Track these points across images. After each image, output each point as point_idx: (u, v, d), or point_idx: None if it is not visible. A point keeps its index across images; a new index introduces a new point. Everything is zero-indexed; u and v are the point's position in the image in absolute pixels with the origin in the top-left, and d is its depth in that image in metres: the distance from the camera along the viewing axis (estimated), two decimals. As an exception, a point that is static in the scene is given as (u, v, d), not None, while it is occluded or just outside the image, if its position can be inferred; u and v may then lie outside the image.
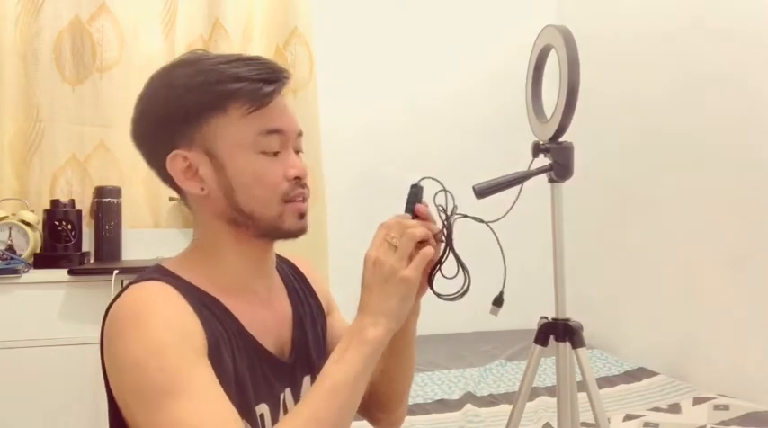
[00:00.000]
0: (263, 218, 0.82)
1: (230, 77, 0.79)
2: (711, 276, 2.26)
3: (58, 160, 2.18)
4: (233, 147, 0.81)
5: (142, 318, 0.72)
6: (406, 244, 0.77)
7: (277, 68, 0.82)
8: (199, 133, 0.81)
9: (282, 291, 0.93)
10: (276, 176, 0.82)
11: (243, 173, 0.81)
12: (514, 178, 1.16)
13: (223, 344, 0.77)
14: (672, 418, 1.95)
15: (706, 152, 2.26)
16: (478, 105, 2.99)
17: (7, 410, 1.72)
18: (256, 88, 0.79)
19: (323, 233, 2.47)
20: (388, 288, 0.76)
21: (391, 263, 0.76)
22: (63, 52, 2.18)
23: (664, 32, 2.46)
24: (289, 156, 0.84)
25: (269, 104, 0.81)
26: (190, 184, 0.82)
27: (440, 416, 2.00)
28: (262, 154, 0.81)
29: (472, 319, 2.83)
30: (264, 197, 0.82)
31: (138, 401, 0.70)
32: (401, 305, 0.77)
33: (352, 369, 0.73)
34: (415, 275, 0.77)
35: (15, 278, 1.79)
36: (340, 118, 2.69)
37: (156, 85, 0.83)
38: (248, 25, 2.43)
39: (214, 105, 0.80)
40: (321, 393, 0.72)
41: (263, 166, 0.81)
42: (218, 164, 0.81)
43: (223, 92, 0.79)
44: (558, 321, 1.26)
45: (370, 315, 0.76)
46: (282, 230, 0.84)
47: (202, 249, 0.85)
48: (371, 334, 0.75)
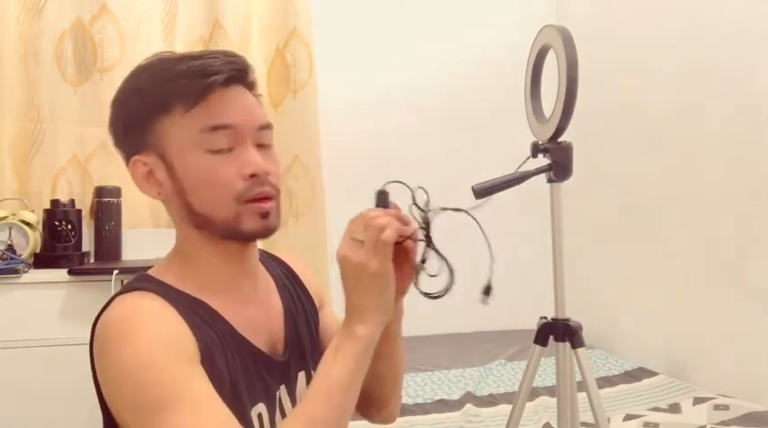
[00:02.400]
0: (218, 220, 0.79)
1: (174, 75, 0.78)
2: (711, 276, 2.25)
3: (60, 160, 2.18)
4: (180, 147, 0.79)
5: (130, 333, 0.71)
6: (371, 235, 0.73)
7: (225, 61, 0.79)
8: (152, 136, 0.80)
9: (271, 288, 0.93)
10: (228, 175, 0.78)
11: (191, 174, 0.78)
12: (513, 178, 1.16)
13: (215, 349, 0.76)
14: (672, 418, 1.95)
15: (706, 152, 2.26)
16: (478, 105, 2.99)
17: (7, 410, 1.72)
18: (192, 83, 0.77)
19: (323, 233, 2.47)
20: (362, 285, 0.75)
21: (359, 259, 0.74)
22: (65, 53, 2.19)
23: (664, 32, 2.46)
24: (244, 152, 0.79)
25: (209, 99, 0.77)
26: (147, 189, 0.82)
27: (440, 416, 2.00)
28: (210, 152, 0.78)
29: (472, 319, 2.84)
30: (216, 198, 0.78)
31: (135, 416, 0.70)
32: (380, 298, 0.76)
33: (346, 368, 0.73)
34: (382, 268, 0.74)
35: (15, 278, 1.79)
36: (340, 118, 2.69)
37: (118, 91, 0.83)
38: (248, 26, 2.43)
39: (159, 106, 0.78)
40: (318, 395, 0.72)
41: (211, 166, 0.77)
42: (170, 167, 0.79)
43: (164, 91, 0.78)
44: (557, 321, 1.26)
45: (355, 313, 0.76)
46: (241, 232, 0.79)
47: (181, 252, 0.84)
48: (360, 332, 0.75)
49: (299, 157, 2.44)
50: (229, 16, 2.38)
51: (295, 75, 2.45)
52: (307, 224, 2.46)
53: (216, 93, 0.78)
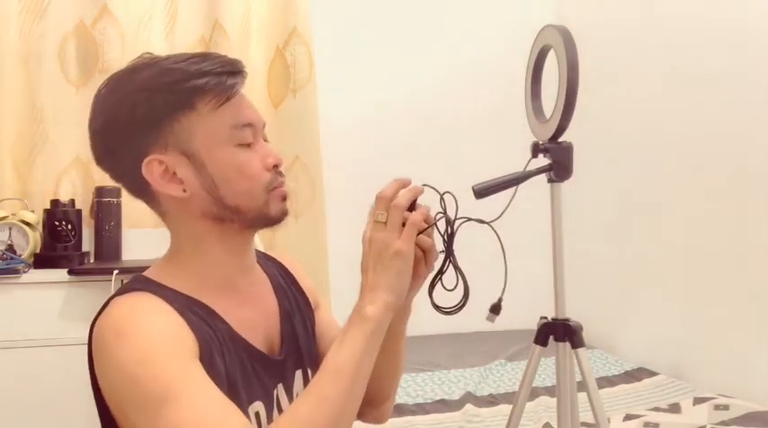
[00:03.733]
0: (251, 209, 0.82)
1: (195, 74, 0.79)
2: (711, 276, 2.25)
3: (63, 161, 2.18)
4: (210, 142, 0.80)
5: (128, 331, 0.71)
6: (394, 215, 0.77)
7: (236, 61, 0.83)
8: (171, 134, 0.80)
9: (267, 287, 0.93)
10: (257, 167, 0.82)
11: (225, 168, 0.81)
12: (514, 178, 1.16)
13: (214, 348, 0.77)
14: (672, 418, 1.95)
15: (706, 151, 2.26)
16: (478, 105, 2.99)
17: (7, 410, 1.72)
18: (221, 81, 0.79)
19: (323, 233, 2.47)
20: (383, 262, 0.76)
21: (382, 237, 0.77)
22: (67, 55, 2.19)
23: (664, 32, 2.46)
24: (262, 146, 0.85)
25: (235, 96, 0.81)
26: (170, 187, 0.81)
27: (440, 416, 2.00)
28: (238, 146, 0.81)
29: (472, 319, 2.84)
30: (250, 189, 0.82)
31: (138, 412, 0.70)
32: (397, 278, 0.77)
33: (356, 347, 0.73)
34: (407, 246, 0.77)
35: (15, 278, 1.79)
36: (340, 118, 2.69)
37: (118, 93, 0.81)
38: (248, 26, 2.42)
39: (183, 104, 0.79)
40: (326, 375, 0.73)
41: (244, 159, 0.82)
42: (198, 163, 0.80)
43: (190, 89, 0.78)
44: (557, 321, 1.26)
45: (367, 293, 0.77)
46: (270, 217, 0.84)
47: (183, 252, 0.84)
48: (370, 312, 0.75)
49: (299, 157, 2.44)
50: (229, 16, 2.38)
51: (295, 75, 2.45)
52: (307, 224, 2.46)
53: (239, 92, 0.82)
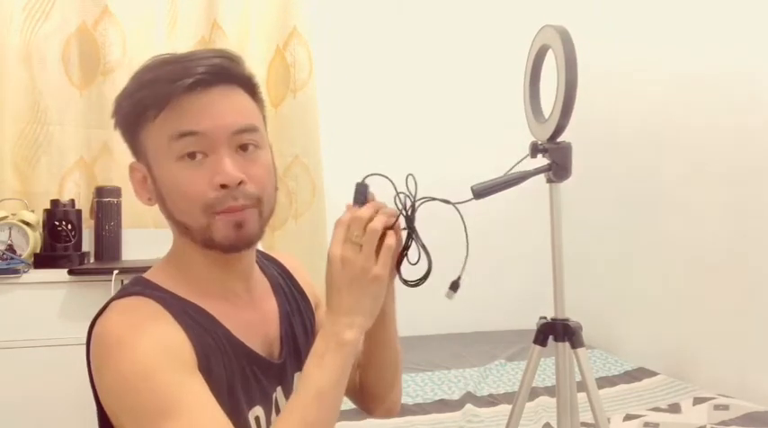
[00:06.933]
0: (194, 229, 0.77)
1: (145, 83, 0.76)
2: (711, 276, 2.25)
3: (67, 162, 2.19)
4: (156, 155, 0.77)
5: (128, 342, 0.71)
6: (370, 239, 0.74)
7: (204, 62, 0.75)
8: (139, 143, 0.79)
9: (267, 289, 0.92)
10: (198, 185, 0.75)
11: (166, 182, 0.77)
12: (513, 178, 1.16)
13: (212, 354, 0.76)
14: (672, 418, 1.95)
15: (706, 152, 2.26)
16: (478, 104, 2.99)
17: (7, 410, 1.72)
18: (157, 89, 0.74)
19: (323, 233, 2.47)
20: (360, 288, 0.75)
21: (361, 263, 0.74)
22: (71, 57, 2.19)
23: (664, 32, 2.46)
24: (218, 160, 0.75)
25: (176, 105, 0.74)
26: (140, 194, 0.82)
27: (440, 416, 2.00)
28: (179, 160, 0.75)
29: (472, 319, 2.84)
30: (188, 208, 0.76)
31: (135, 423, 0.70)
32: (374, 303, 0.76)
33: (334, 373, 0.73)
34: (384, 272, 0.75)
35: (15, 278, 1.79)
36: (340, 118, 2.69)
37: (117, 96, 0.82)
38: (247, 26, 2.43)
39: (138, 113, 0.77)
40: (308, 399, 0.72)
41: (181, 175, 0.75)
42: (152, 176, 0.79)
43: (140, 98, 0.76)
44: (557, 321, 1.26)
45: (344, 316, 0.75)
46: (215, 243, 0.77)
47: (176, 257, 0.84)
48: (348, 337, 0.74)
49: (298, 157, 2.44)
50: (229, 16, 2.38)
51: (295, 75, 2.45)
52: (307, 224, 2.46)
53: (187, 98, 0.74)
